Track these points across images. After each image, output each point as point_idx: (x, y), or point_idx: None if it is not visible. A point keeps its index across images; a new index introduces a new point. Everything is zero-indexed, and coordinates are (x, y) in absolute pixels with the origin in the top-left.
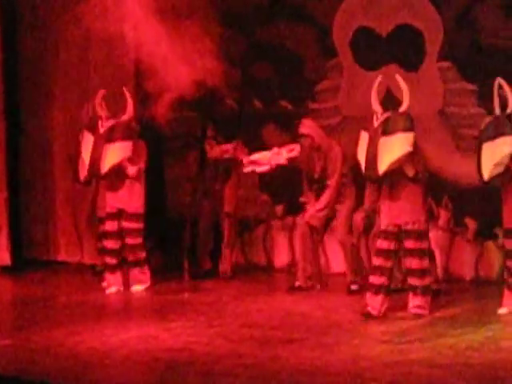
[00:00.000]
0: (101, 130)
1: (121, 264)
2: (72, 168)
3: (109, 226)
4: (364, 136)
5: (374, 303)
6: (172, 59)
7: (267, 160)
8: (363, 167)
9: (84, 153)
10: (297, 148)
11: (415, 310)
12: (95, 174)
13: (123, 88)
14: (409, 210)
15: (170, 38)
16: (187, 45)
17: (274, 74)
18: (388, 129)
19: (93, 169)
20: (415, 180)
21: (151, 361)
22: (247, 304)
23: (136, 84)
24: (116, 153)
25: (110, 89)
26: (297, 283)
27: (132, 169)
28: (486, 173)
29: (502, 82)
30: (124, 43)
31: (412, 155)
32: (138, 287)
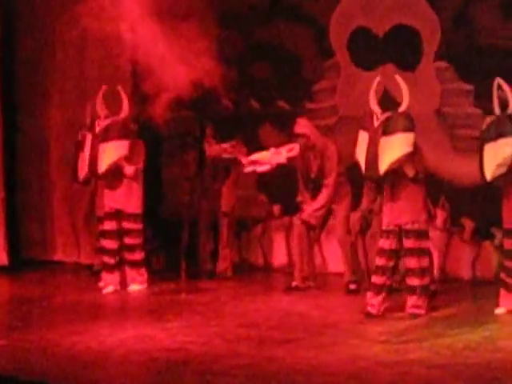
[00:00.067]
0: (97, 130)
1: (118, 264)
2: (71, 168)
3: (107, 226)
4: (363, 136)
5: (375, 302)
6: (169, 59)
7: (268, 159)
8: (363, 167)
9: (86, 152)
10: (296, 147)
11: (412, 310)
12: (94, 174)
13: (118, 87)
14: (409, 210)
15: (167, 39)
16: (184, 45)
17: (272, 74)
18: (388, 129)
19: (91, 168)
20: (415, 180)
21: (148, 361)
22: (244, 304)
23: (133, 84)
24: (112, 152)
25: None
26: (294, 283)
27: (129, 168)
28: (489, 173)
29: (502, 82)
30: (121, 43)
31: (412, 155)
32: (135, 287)
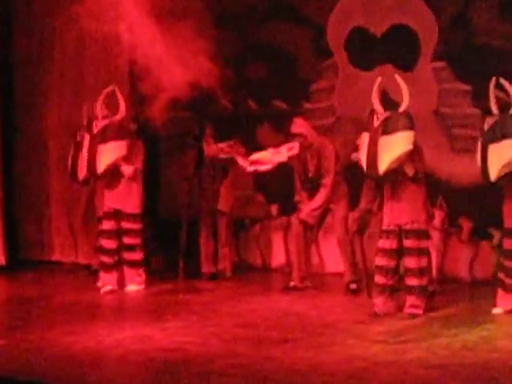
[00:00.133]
0: (94, 131)
1: (117, 264)
2: (70, 168)
3: (106, 226)
4: (365, 136)
5: (378, 302)
6: (167, 60)
7: (269, 159)
8: (364, 166)
9: (84, 153)
10: (296, 146)
11: (410, 310)
12: (93, 175)
13: (115, 88)
14: (409, 210)
15: (165, 39)
16: (182, 45)
17: (269, 75)
18: (388, 128)
19: (90, 169)
20: (415, 179)
21: (146, 361)
22: (242, 304)
23: (131, 84)
24: (110, 153)
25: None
26: (292, 283)
27: (128, 169)
28: (494, 174)
29: (503, 82)
30: (119, 44)
31: (412, 154)
32: (133, 287)
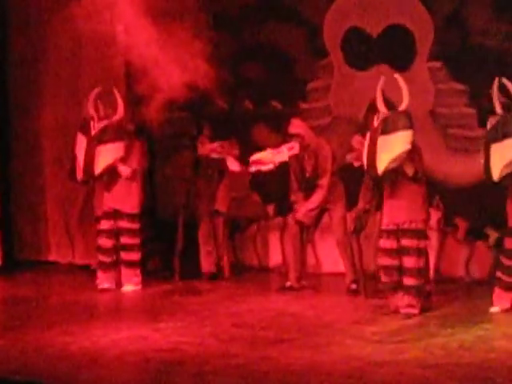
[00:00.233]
0: (93, 132)
1: (114, 263)
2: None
3: (104, 225)
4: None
5: (395, 300)
6: (162, 61)
7: (270, 159)
8: (365, 166)
9: (78, 154)
10: (296, 146)
11: (407, 310)
12: (90, 176)
13: (113, 89)
14: (407, 209)
15: (161, 40)
16: (178, 46)
17: (265, 75)
18: (387, 128)
19: (87, 170)
20: (415, 179)
21: (142, 361)
22: (238, 304)
23: (127, 85)
24: (108, 154)
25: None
26: (288, 283)
27: (126, 169)
28: (496, 173)
29: (507, 83)
30: (115, 44)
31: (411, 154)
32: (129, 287)
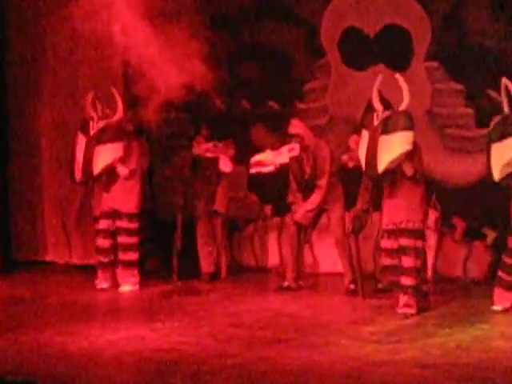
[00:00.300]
0: (91, 132)
1: (113, 263)
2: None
3: (102, 225)
4: (365, 135)
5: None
6: (160, 61)
7: (270, 160)
8: (363, 166)
9: (78, 154)
10: (296, 147)
11: (404, 310)
12: (88, 176)
13: (112, 89)
14: (405, 209)
15: (158, 40)
16: (175, 47)
17: (262, 75)
18: (388, 128)
19: (86, 170)
20: (414, 179)
21: (139, 361)
22: (236, 304)
23: (124, 86)
24: (107, 154)
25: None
26: (285, 283)
27: (124, 170)
28: (497, 173)
29: (508, 83)
30: (112, 45)
31: (411, 154)
32: (126, 287)
